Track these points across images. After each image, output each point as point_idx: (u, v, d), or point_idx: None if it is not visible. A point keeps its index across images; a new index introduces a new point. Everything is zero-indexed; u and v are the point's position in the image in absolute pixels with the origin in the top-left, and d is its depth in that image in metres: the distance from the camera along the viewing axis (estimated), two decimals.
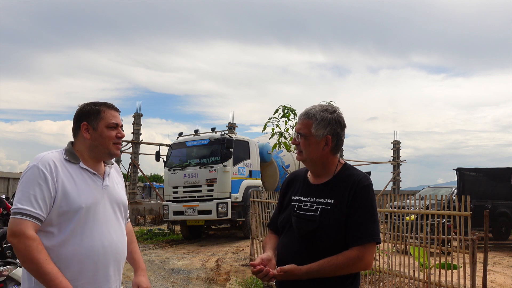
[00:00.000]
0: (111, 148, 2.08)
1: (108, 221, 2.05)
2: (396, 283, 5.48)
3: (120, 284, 2.14)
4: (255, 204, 8.86)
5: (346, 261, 1.83)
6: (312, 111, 1.98)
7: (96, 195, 2.02)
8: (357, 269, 1.88)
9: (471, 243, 4.57)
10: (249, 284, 6.82)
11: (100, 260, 1.98)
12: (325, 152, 1.97)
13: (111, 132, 2.07)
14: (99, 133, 2.05)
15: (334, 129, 1.96)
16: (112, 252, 2.03)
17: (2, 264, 4.52)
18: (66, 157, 2.02)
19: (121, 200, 2.18)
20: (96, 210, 2.01)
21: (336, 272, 1.84)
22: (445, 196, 6.75)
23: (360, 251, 1.84)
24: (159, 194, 23.19)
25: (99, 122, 2.06)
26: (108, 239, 2.02)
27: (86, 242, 1.95)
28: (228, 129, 13.85)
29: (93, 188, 2.03)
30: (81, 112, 2.09)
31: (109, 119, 2.07)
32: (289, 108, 6.16)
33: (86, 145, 2.06)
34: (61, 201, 1.92)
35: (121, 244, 2.11)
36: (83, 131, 2.06)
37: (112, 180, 2.16)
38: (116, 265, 2.07)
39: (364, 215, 1.87)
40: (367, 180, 1.94)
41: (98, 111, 2.07)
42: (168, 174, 13.06)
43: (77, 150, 2.07)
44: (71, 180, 1.97)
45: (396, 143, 26.37)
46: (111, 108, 2.11)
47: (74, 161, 2.03)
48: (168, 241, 13.45)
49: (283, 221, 2.06)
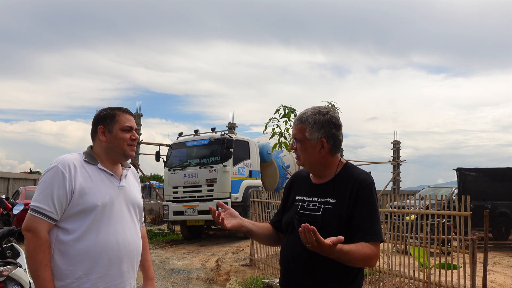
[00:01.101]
0: (125, 149, 2.20)
1: (123, 220, 2.15)
2: (396, 283, 5.48)
3: (134, 282, 2.21)
4: (255, 204, 8.86)
5: (369, 254, 1.82)
6: (305, 115, 1.98)
7: (112, 194, 2.13)
8: (369, 265, 1.88)
9: (471, 243, 4.57)
10: (249, 284, 6.82)
11: (114, 256, 2.08)
12: (323, 154, 1.97)
13: (125, 134, 2.19)
14: (114, 136, 2.18)
15: (329, 130, 1.95)
16: (126, 249, 2.12)
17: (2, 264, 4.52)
18: (85, 159, 2.15)
19: (137, 201, 2.27)
20: (111, 209, 2.11)
21: (356, 262, 1.81)
22: (445, 196, 6.76)
23: (374, 247, 1.84)
24: (159, 194, 23.19)
25: (114, 125, 2.18)
26: (122, 237, 2.11)
27: (101, 238, 2.05)
28: (228, 129, 13.86)
29: (109, 188, 2.14)
30: (98, 116, 2.23)
31: (124, 122, 2.20)
32: (289, 108, 6.15)
33: (103, 147, 2.19)
34: (78, 199, 2.04)
35: (135, 242, 2.19)
36: (100, 134, 2.19)
37: (129, 182, 2.27)
38: (130, 262, 2.15)
39: (369, 213, 1.88)
40: (369, 178, 1.94)
41: (114, 115, 2.20)
42: (168, 174, 13.06)
43: (95, 152, 2.20)
44: (89, 179, 2.09)
45: (396, 143, 26.38)
46: (125, 112, 2.24)
47: (92, 163, 2.16)
48: (168, 241, 13.45)
49: (287, 221, 2.07)
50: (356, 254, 1.79)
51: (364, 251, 1.81)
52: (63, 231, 2.04)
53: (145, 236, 2.41)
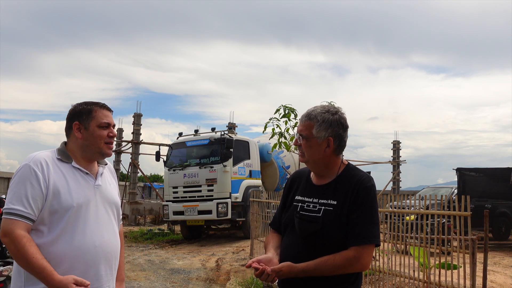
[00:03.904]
0: (102, 148, 2.08)
1: (99, 220, 2.05)
2: (396, 283, 5.48)
3: (113, 284, 2.12)
4: (255, 204, 8.86)
5: (343, 261, 1.83)
6: (314, 112, 1.97)
7: (87, 194, 2.03)
8: (353, 270, 1.88)
9: (471, 243, 4.57)
10: (249, 284, 6.82)
11: (91, 259, 1.98)
12: (327, 153, 1.96)
13: (102, 131, 2.07)
14: (90, 133, 2.06)
15: (336, 130, 1.94)
16: (104, 251, 2.03)
17: (2, 264, 4.52)
18: (58, 157, 2.03)
19: (114, 200, 2.17)
20: (87, 209, 2.01)
21: (333, 272, 1.84)
22: (445, 196, 6.76)
23: (358, 251, 1.83)
24: (159, 194, 23.18)
25: (91, 122, 2.06)
26: (100, 239, 2.02)
27: (77, 241, 1.95)
28: (228, 129, 13.84)
29: (84, 187, 2.03)
30: (73, 112, 2.10)
31: (101, 118, 2.08)
32: (289, 108, 6.15)
33: (78, 144, 2.07)
34: (52, 200, 1.93)
35: (112, 244, 2.10)
36: (75, 130, 2.07)
37: (105, 180, 2.16)
38: (108, 264, 2.06)
39: (363, 216, 1.87)
40: (370, 181, 1.93)
41: (90, 111, 2.08)
42: (168, 174, 13.06)
43: (69, 149, 2.08)
44: (63, 179, 1.98)
45: (396, 143, 26.37)
46: (102, 107, 2.12)
47: (66, 161, 2.04)
48: (168, 241, 13.45)
49: (286, 222, 2.06)
50: (326, 267, 1.82)
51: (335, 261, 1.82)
52: (36, 233, 1.92)
53: (122, 234, 2.30)
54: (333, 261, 1.83)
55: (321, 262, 1.83)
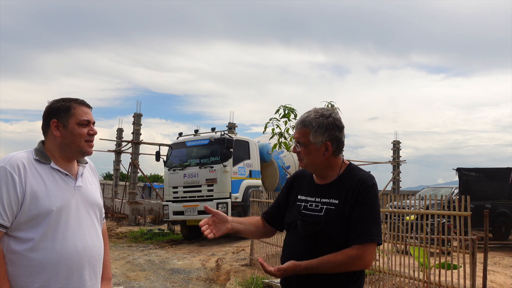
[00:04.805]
0: (82, 146, 1.98)
1: (81, 223, 1.97)
2: (396, 283, 5.48)
3: (98, 286, 2.06)
4: (255, 204, 8.86)
5: (345, 259, 1.84)
6: (308, 118, 1.97)
7: (67, 197, 1.93)
8: (356, 268, 1.89)
9: (471, 243, 4.57)
10: (249, 284, 6.82)
11: (74, 264, 1.90)
12: (327, 157, 1.97)
13: (82, 129, 1.97)
14: (69, 131, 1.95)
15: (332, 133, 1.95)
16: (87, 256, 1.96)
17: None
18: (36, 157, 1.93)
19: (95, 201, 2.08)
20: (68, 213, 1.92)
21: (335, 270, 1.85)
22: (445, 196, 6.75)
23: (360, 250, 1.84)
24: (159, 194, 23.19)
25: (70, 119, 1.96)
26: (82, 243, 1.94)
27: (59, 246, 1.87)
28: (228, 129, 13.85)
29: (64, 190, 1.93)
30: (51, 109, 1.99)
31: (80, 116, 1.98)
32: (289, 108, 6.15)
33: (57, 143, 1.97)
34: (29, 205, 1.83)
35: (96, 247, 2.02)
36: (53, 129, 1.96)
37: (86, 181, 2.07)
38: (92, 268, 1.99)
39: (365, 215, 1.87)
40: (372, 180, 1.94)
41: (69, 108, 1.97)
42: (168, 174, 13.07)
43: (47, 149, 1.98)
44: (41, 181, 1.88)
45: (396, 143, 26.37)
46: (82, 104, 2.02)
47: (44, 161, 1.93)
48: (168, 241, 13.45)
49: (289, 221, 2.08)
50: (329, 265, 1.83)
51: (337, 259, 1.83)
52: (15, 240, 1.83)
53: (105, 232, 2.21)
54: (336, 259, 1.84)
55: (324, 260, 1.84)
